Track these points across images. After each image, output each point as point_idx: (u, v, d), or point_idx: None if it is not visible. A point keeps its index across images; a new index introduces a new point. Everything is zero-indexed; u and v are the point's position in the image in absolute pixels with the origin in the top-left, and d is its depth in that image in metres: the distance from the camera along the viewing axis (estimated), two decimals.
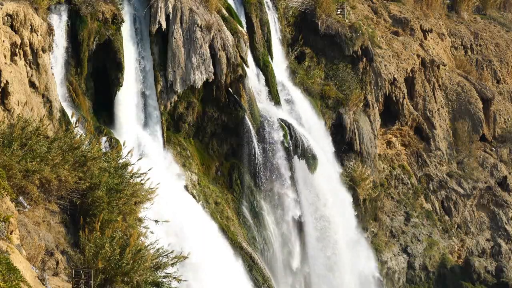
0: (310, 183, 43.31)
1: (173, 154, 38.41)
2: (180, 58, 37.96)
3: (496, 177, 59.41)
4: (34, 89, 30.02)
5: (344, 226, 45.24)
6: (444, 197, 56.83)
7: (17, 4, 28.99)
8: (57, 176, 20.80)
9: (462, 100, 60.55)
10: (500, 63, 67.69)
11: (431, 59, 58.59)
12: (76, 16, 34.06)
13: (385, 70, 53.74)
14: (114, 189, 21.92)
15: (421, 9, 63.70)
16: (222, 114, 40.32)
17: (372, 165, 50.57)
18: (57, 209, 21.49)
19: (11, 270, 15.01)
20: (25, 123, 21.77)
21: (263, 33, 44.73)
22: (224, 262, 36.14)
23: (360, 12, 58.07)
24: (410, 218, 53.86)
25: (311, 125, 45.73)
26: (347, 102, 48.57)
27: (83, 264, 19.72)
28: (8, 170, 19.56)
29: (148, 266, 20.08)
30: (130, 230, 21.34)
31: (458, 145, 59.13)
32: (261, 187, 41.10)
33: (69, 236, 21.31)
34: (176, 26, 37.89)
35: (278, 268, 41.50)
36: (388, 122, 55.06)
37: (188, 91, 38.80)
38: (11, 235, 17.09)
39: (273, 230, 41.62)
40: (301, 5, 50.24)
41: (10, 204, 18.14)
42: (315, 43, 50.25)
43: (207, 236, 35.83)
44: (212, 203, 39.00)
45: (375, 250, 50.35)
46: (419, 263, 52.81)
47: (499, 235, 57.66)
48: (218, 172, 40.84)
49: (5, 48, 27.82)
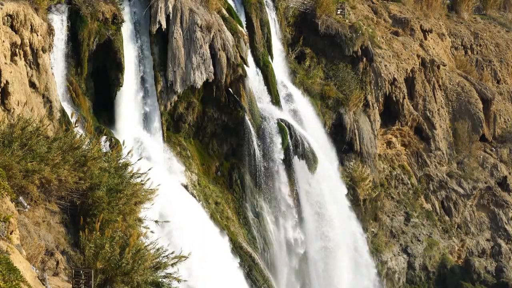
0: (310, 183, 43.32)
1: (173, 154, 38.42)
2: (180, 58, 37.97)
3: (496, 177, 59.40)
4: (34, 89, 30.01)
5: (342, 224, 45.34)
6: (444, 197, 56.82)
7: (17, 4, 28.99)
8: (57, 176, 20.80)
9: (462, 100, 60.55)
10: (500, 63, 67.68)
11: (431, 59, 58.59)
12: (76, 16, 34.06)
13: (385, 70, 53.74)
14: (114, 189, 21.91)
15: (421, 9, 63.69)
16: (222, 114, 40.32)
17: (372, 165, 50.57)
18: (57, 209, 21.49)
19: (11, 270, 15.02)
20: (25, 123, 21.77)
21: (263, 33, 44.73)
22: (224, 262, 36.14)
23: (360, 12, 58.07)
24: (410, 218, 53.86)
25: (311, 125, 45.72)
26: (347, 102, 48.57)
27: (83, 264, 19.72)
28: (8, 170, 19.56)
29: (148, 266, 20.09)
30: (130, 230, 21.35)
31: (458, 145, 59.12)
32: (261, 187, 41.10)
33: (69, 236, 21.31)
34: (176, 26, 37.90)
35: (278, 268, 41.51)
36: (388, 122, 55.05)
37: (188, 91, 38.81)
38: (11, 235, 17.09)
39: (273, 230, 41.63)
40: (301, 5, 50.24)
41: (10, 204, 18.15)
42: (315, 43, 50.25)
43: (207, 236, 35.82)
44: (212, 203, 39.00)
45: (375, 250, 50.35)
46: (419, 263, 52.80)
47: (499, 235, 57.66)
48: (218, 172, 40.85)
49: (5, 48, 27.82)
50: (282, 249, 42.05)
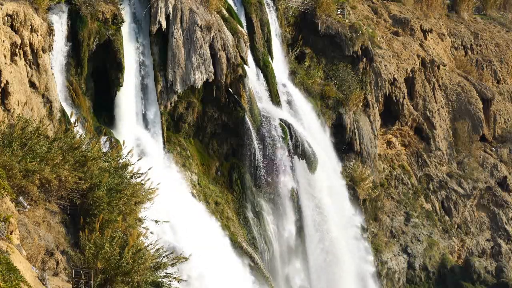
0: (310, 183, 43.31)
1: (173, 154, 38.40)
2: (180, 58, 37.96)
3: (496, 177, 59.41)
4: (34, 89, 30.01)
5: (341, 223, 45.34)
6: (444, 197, 56.82)
7: (17, 4, 28.99)
8: (57, 176, 20.79)
9: (462, 100, 60.55)
10: (500, 63, 67.69)
11: (431, 59, 58.59)
12: (76, 16, 34.05)
13: (385, 70, 53.74)
14: (114, 189, 21.90)
15: (421, 9, 63.71)
16: (222, 114, 40.32)
17: (372, 165, 50.57)
18: (57, 209, 21.48)
19: (11, 270, 15.01)
20: (25, 123, 21.76)
21: (263, 33, 44.73)
22: (224, 262, 36.13)
23: (360, 12, 58.08)
24: (410, 218, 53.86)
25: (311, 125, 45.72)
26: (347, 102, 48.57)
27: (83, 264, 19.72)
28: (8, 170, 19.55)
29: (148, 266, 20.08)
30: (130, 230, 21.34)
31: (458, 145, 59.13)
32: (261, 187, 41.09)
33: (69, 236, 21.30)
34: (176, 26, 37.89)
35: (278, 268, 41.50)
36: (388, 122, 55.07)
37: (188, 91, 38.81)
38: (11, 235, 17.08)
39: (273, 230, 41.62)
40: (301, 5, 50.24)
41: (10, 204, 18.14)
42: (315, 43, 50.27)
43: (207, 236, 35.81)
44: (212, 203, 39.00)
45: (375, 250, 50.35)
46: (419, 263, 52.80)
47: (499, 235, 57.65)
48: (218, 172, 40.84)
49: (5, 48, 27.82)
50: (282, 249, 42.06)
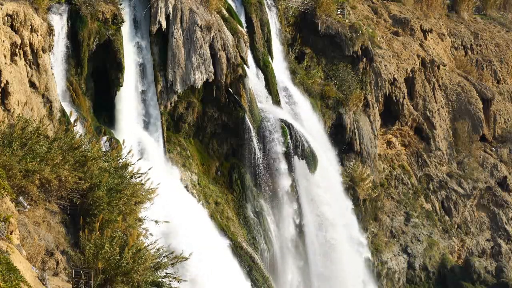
0: (310, 183, 43.30)
1: (173, 154, 38.40)
2: (180, 58, 37.96)
3: (496, 177, 59.41)
4: (34, 89, 30.01)
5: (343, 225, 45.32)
6: (444, 197, 56.82)
7: (17, 4, 28.99)
8: (57, 176, 20.78)
9: (462, 100, 60.54)
10: (500, 63, 67.68)
11: (431, 59, 58.59)
12: (76, 16, 34.06)
13: (385, 70, 53.73)
14: (114, 189, 21.88)
15: (421, 9, 63.71)
16: (222, 114, 40.32)
17: (372, 165, 50.57)
18: (57, 209, 21.47)
19: (11, 270, 15.01)
20: (25, 123, 21.74)
21: (263, 33, 44.73)
22: (224, 261, 36.13)
23: (360, 12, 58.08)
24: (410, 218, 53.86)
25: (311, 125, 45.72)
26: (347, 102, 48.57)
27: (83, 264, 19.71)
28: (8, 170, 19.54)
29: (148, 266, 20.07)
30: (130, 230, 21.33)
31: (458, 145, 59.13)
32: (261, 187, 41.09)
33: (69, 236, 21.29)
34: (176, 26, 37.89)
35: (278, 268, 41.49)
36: (388, 122, 55.07)
37: (188, 91, 38.81)
38: (11, 235, 17.08)
39: (273, 230, 41.61)
40: (301, 5, 50.24)
41: (10, 204, 18.14)
42: (315, 43, 50.28)
43: (207, 236, 35.82)
44: (212, 203, 39.00)
45: (375, 250, 50.36)
46: (419, 263, 52.80)
47: (499, 235, 57.65)
48: (218, 172, 40.84)
49: (5, 48, 27.82)
50: (282, 249, 42.05)
